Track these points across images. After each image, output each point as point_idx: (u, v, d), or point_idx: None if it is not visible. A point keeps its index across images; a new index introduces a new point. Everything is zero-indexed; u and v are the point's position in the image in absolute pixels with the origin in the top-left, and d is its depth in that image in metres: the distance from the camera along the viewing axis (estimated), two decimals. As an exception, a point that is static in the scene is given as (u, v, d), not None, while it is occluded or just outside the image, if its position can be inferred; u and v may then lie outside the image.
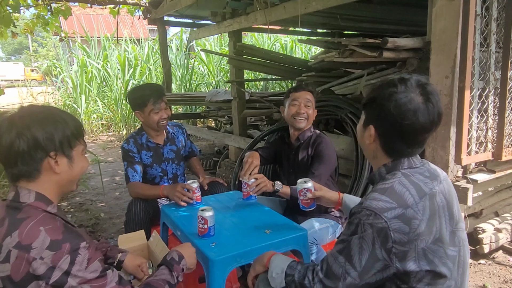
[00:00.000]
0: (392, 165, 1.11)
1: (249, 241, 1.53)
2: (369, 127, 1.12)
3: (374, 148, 1.14)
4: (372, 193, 1.06)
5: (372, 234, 1.00)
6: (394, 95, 1.05)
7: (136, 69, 8.43)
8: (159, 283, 1.14)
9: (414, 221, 1.00)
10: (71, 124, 1.08)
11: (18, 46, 44.04)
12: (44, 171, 1.03)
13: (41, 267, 0.91)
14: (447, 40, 2.10)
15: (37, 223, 0.96)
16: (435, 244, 1.02)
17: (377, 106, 1.09)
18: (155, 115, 2.21)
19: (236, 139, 4.33)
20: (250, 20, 3.65)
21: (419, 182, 1.06)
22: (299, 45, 8.93)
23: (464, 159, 2.14)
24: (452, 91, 2.11)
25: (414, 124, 1.04)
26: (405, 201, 1.02)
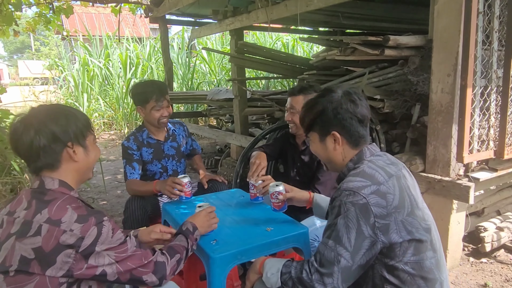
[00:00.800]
0: (357, 157, 1.25)
1: (250, 238, 1.53)
2: (331, 134, 1.24)
3: (342, 150, 1.26)
4: (347, 178, 1.17)
5: (355, 211, 1.08)
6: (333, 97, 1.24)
7: (138, 67, 8.43)
8: (179, 248, 1.30)
9: (388, 195, 1.10)
10: (80, 117, 1.21)
11: (21, 45, 44.14)
12: (64, 161, 1.15)
13: (71, 238, 1.01)
14: (449, 38, 2.09)
15: (64, 203, 1.07)
16: (410, 216, 1.11)
17: (329, 112, 1.23)
18: (156, 112, 2.21)
19: (237, 138, 4.33)
20: (251, 18, 3.65)
21: (384, 166, 1.19)
22: (301, 44, 8.91)
23: (466, 157, 2.13)
24: (454, 89, 2.11)
25: (362, 109, 1.24)
26: (376, 179, 1.13)
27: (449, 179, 2.18)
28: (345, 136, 1.24)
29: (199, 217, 1.50)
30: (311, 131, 1.31)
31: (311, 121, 1.29)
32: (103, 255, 1.06)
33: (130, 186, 2.21)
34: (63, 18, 14.80)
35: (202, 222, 1.48)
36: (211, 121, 7.54)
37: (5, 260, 1.01)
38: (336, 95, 1.25)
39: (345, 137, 1.24)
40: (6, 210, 1.11)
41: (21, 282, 1.00)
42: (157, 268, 1.17)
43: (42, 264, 1.00)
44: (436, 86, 2.20)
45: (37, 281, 1.00)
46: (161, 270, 1.19)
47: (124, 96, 7.82)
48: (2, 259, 1.01)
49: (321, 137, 1.28)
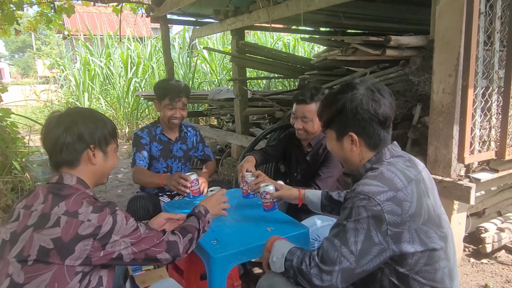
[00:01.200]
0: (376, 158, 1.18)
1: (251, 238, 1.53)
2: (348, 135, 1.18)
3: (359, 151, 1.20)
4: (364, 179, 1.11)
5: (367, 217, 1.04)
6: (355, 96, 1.15)
7: (139, 67, 8.44)
8: (192, 228, 1.36)
9: (405, 203, 1.05)
10: (109, 124, 1.28)
11: (22, 44, 44.15)
12: (83, 161, 1.21)
13: (89, 228, 1.07)
14: (451, 38, 2.09)
15: (79, 197, 1.13)
16: (426, 225, 1.07)
17: (348, 112, 1.16)
18: (168, 110, 2.23)
19: (238, 137, 4.33)
20: (252, 18, 3.65)
21: (404, 170, 1.12)
22: (302, 44, 8.91)
23: (467, 158, 2.13)
24: (455, 90, 2.11)
25: (384, 110, 1.15)
26: (395, 184, 1.07)
27: (450, 180, 2.18)
28: (363, 138, 1.18)
29: (211, 201, 1.55)
30: (328, 128, 1.25)
31: (328, 119, 1.23)
32: (119, 242, 1.13)
33: (137, 173, 2.19)
34: (65, 17, 14.81)
35: (213, 205, 1.53)
36: (211, 121, 7.54)
37: (23, 250, 1.06)
38: (357, 92, 1.16)
39: (364, 139, 1.18)
40: (22, 204, 1.16)
41: (40, 271, 1.04)
42: (169, 247, 1.24)
43: (62, 254, 1.05)
44: (437, 87, 2.19)
45: (55, 270, 1.05)
46: (174, 249, 1.25)
47: (125, 95, 7.83)
48: (20, 249, 1.06)
49: (338, 136, 1.22)
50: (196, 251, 1.55)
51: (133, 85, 8.02)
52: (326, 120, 1.25)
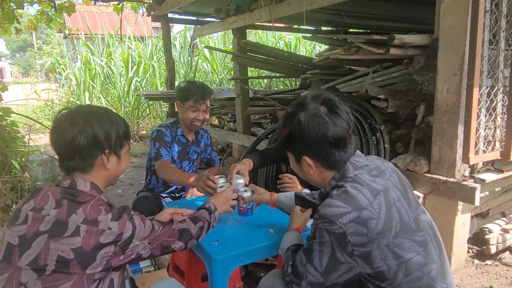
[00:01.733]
0: (340, 174, 1.16)
1: (253, 240, 1.50)
2: (303, 159, 1.17)
3: (319, 172, 1.19)
4: (328, 199, 1.08)
5: (330, 240, 1.04)
6: (301, 120, 1.11)
7: (140, 66, 8.41)
8: (202, 218, 1.36)
9: (371, 221, 1.02)
10: (123, 125, 1.21)
11: (23, 44, 44.19)
12: (97, 166, 1.16)
13: (110, 236, 1.05)
14: (456, 37, 2.06)
15: (96, 204, 1.08)
16: (398, 237, 1.04)
17: (296, 138, 1.14)
18: (192, 112, 2.20)
19: (239, 137, 4.31)
20: (254, 17, 3.62)
21: (369, 183, 1.09)
22: (303, 43, 8.88)
23: (472, 158, 2.10)
24: (460, 89, 2.08)
25: (335, 130, 1.10)
26: (359, 203, 1.04)
27: (455, 180, 2.15)
28: (318, 160, 1.16)
29: (220, 198, 1.53)
30: (286, 150, 1.25)
31: (283, 142, 1.22)
32: (139, 245, 1.12)
33: (163, 168, 2.06)
34: (66, 16, 14.79)
35: (222, 202, 1.52)
36: (212, 120, 7.52)
37: (38, 258, 1.01)
38: (304, 115, 1.11)
39: (319, 161, 1.16)
40: (30, 206, 1.09)
41: (59, 281, 1.01)
42: (181, 234, 1.25)
43: (83, 264, 1.02)
44: (441, 86, 2.17)
45: (75, 279, 1.02)
46: (185, 236, 1.26)
47: (126, 94, 7.81)
48: (34, 257, 1.01)
49: (295, 159, 1.22)
50: (197, 252, 1.53)
51: (134, 84, 8.00)
52: (281, 143, 1.25)
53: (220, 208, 1.49)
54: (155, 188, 2.37)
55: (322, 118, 1.10)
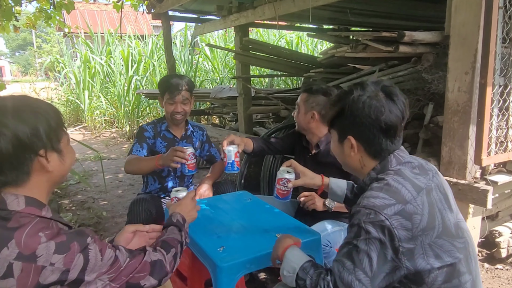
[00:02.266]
0: (381, 166, 1.10)
1: (259, 246, 1.44)
2: (348, 138, 1.11)
3: (360, 157, 1.13)
4: (369, 191, 1.03)
5: (377, 234, 0.96)
6: (359, 98, 1.07)
7: (140, 65, 8.33)
8: (174, 242, 1.14)
9: (415, 216, 0.97)
10: (52, 112, 0.96)
11: (22, 42, 44.11)
12: (35, 173, 0.92)
13: (53, 274, 0.83)
14: (468, 34, 1.99)
15: (34, 230, 0.85)
16: (440, 238, 0.99)
17: (348, 115, 1.09)
18: (169, 105, 2.17)
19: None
20: (257, 14, 3.55)
21: (412, 178, 1.04)
22: (305, 42, 8.80)
23: (484, 160, 2.03)
24: (472, 88, 2.01)
25: (388, 116, 1.05)
26: (403, 196, 0.99)
27: (466, 182, 2.08)
28: (362, 144, 1.10)
29: (186, 206, 1.33)
30: (331, 128, 1.19)
31: (331, 119, 1.17)
32: (94, 282, 0.90)
33: (129, 161, 2.09)
34: (65, 15, 14.68)
35: (189, 211, 1.32)
36: (214, 120, 7.45)
37: None
38: (362, 94, 1.07)
39: (363, 145, 1.10)
40: None
41: None
42: (153, 269, 1.03)
43: None
44: (452, 85, 2.09)
45: None
46: (159, 270, 1.04)
47: (126, 93, 7.73)
48: None
49: (339, 138, 1.16)
50: (201, 259, 1.46)
51: (134, 83, 7.92)
52: (328, 120, 1.19)
53: (188, 217, 1.30)
54: (152, 190, 2.31)
55: (379, 101, 1.05)
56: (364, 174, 1.14)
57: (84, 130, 8.02)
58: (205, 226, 1.63)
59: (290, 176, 1.53)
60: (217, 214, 1.78)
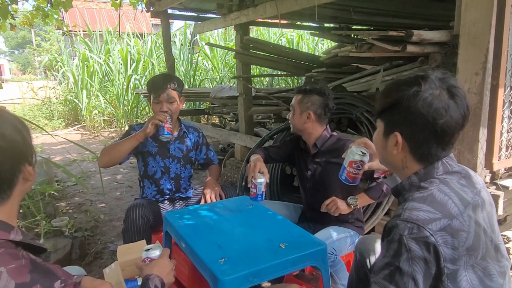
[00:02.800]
0: (425, 172, 0.98)
1: (263, 257, 1.36)
2: (394, 134, 0.98)
3: (403, 157, 1.00)
4: (411, 202, 0.91)
5: (421, 252, 0.84)
6: (419, 94, 0.93)
7: (139, 64, 8.25)
8: None
9: (461, 233, 0.87)
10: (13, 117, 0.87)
11: (22, 40, 43.92)
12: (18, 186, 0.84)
13: None
14: (478, 33, 1.91)
15: None
16: (484, 260, 0.90)
17: (401, 109, 0.96)
18: (155, 105, 2.09)
19: (242, 138, 4.16)
20: (258, 12, 3.46)
21: (459, 190, 0.94)
22: (306, 40, 8.72)
23: (495, 164, 1.96)
24: (482, 89, 1.93)
25: (448, 122, 0.92)
26: (449, 210, 0.88)
27: (475, 187, 2.01)
28: (409, 143, 0.97)
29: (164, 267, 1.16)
30: (379, 118, 1.05)
31: (380, 109, 1.03)
32: None
33: (104, 150, 2.07)
34: (64, 13, 14.54)
35: (167, 273, 1.15)
36: (214, 119, 7.37)
37: None
38: (423, 90, 0.92)
39: (409, 145, 0.98)
40: None
41: None
42: None
43: None
44: (462, 86, 2.01)
45: None
46: None
47: (125, 93, 7.65)
48: None
49: (385, 131, 1.02)
50: (201, 270, 1.38)
51: (132, 82, 7.84)
52: (378, 109, 1.05)
53: (167, 280, 1.14)
54: (149, 194, 2.23)
55: (441, 102, 0.92)
56: (404, 176, 1.02)
57: (82, 130, 7.94)
58: (205, 235, 1.56)
59: (365, 158, 1.38)
60: (217, 221, 1.70)
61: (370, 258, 1.48)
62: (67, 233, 2.57)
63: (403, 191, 1.01)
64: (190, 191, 2.34)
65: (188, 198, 2.30)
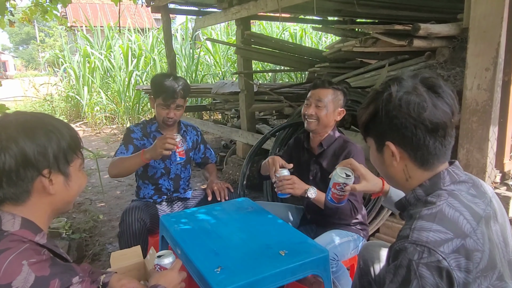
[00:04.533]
0: (431, 183, 0.90)
1: (262, 265, 1.29)
2: (386, 145, 0.92)
3: (403, 167, 0.93)
4: (418, 221, 0.82)
5: (433, 279, 0.76)
6: (392, 95, 0.88)
7: (140, 59, 8.17)
8: None
9: (476, 253, 0.79)
10: (67, 133, 0.93)
11: (26, 36, 43.99)
12: (35, 193, 0.88)
13: None
14: (489, 27, 1.82)
15: (19, 256, 0.80)
16: (502, 281, 0.82)
17: (382, 117, 0.90)
18: (162, 110, 2.04)
19: (244, 135, 4.09)
20: (259, 6, 3.37)
21: (469, 203, 0.85)
22: (309, 34, 8.59)
23: (507, 164, 1.87)
24: (493, 86, 1.84)
25: (433, 112, 0.85)
26: (461, 228, 0.80)
27: (485, 188, 1.92)
28: (405, 149, 0.90)
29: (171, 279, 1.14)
30: (367, 136, 1.00)
31: (364, 125, 0.98)
32: None
33: (111, 163, 1.99)
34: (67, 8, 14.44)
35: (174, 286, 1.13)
36: (216, 115, 7.30)
37: None
38: (398, 90, 0.88)
39: (406, 151, 0.90)
40: None
41: None
42: None
43: None
44: (471, 82, 1.92)
45: None
46: None
47: (126, 89, 7.58)
48: None
49: (377, 146, 0.97)
50: (197, 280, 1.32)
51: (134, 78, 7.77)
52: (362, 126, 0.99)
53: None
54: (146, 194, 2.17)
55: (420, 96, 0.86)
56: (410, 187, 0.94)
57: (84, 127, 7.90)
58: (201, 241, 1.50)
59: (349, 180, 1.34)
60: (215, 225, 1.63)
61: (375, 266, 1.41)
62: (64, 235, 2.52)
63: (408, 206, 0.93)
64: (189, 192, 2.28)
65: (186, 199, 2.24)
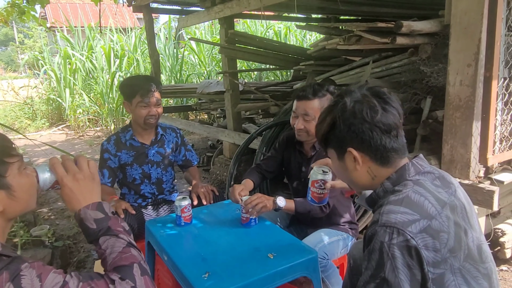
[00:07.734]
0: (397, 175, 0.96)
1: (250, 270, 1.27)
2: (348, 152, 0.98)
3: (367, 168, 0.99)
4: (387, 206, 0.87)
5: (403, 258, 0.80)
6: (346, 104, 0.96)
7: (123, 60, 8.03)
8: (127, 258, 0.87)
9: (442, 234, 0.83)
10: None
11: (4, 38, 42.78)
12: None
13: None
14: (470, 23, 1.83)
15: None
16: (467, 262, 0.86)
17: (340, 126, 0.97)
18: (142, 109, 1.97)
19: (230, 134, 4.06)
20: (242, 5, 3.34)
21: (434, 191, 0.91)
22: (294, 32, 8.60)
23: (490, 159, 1.90)
24: (475, 81, 1.86)
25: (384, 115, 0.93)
26: (427, 211, 0.85)
27: (469, 182, 1.94)
28: (366, 152, 0.96)
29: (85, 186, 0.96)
30: (327, 147, 1.05)
31: (323, 137, 1.03)
32: None
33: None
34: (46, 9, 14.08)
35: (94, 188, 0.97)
36: (202, 115, 7.24)
37: None
38: (349, 100, 0.96)
39: (367, 153, 0.96)
40: None
41: None
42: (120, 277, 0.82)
43: None
44: (454, 78, 1.94)
45: None
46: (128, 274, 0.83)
47: (109, 90, 7.45)
48: None
49: (338, 155, 1.02)
50: (183, 286, 1.29)
51: (117, 79, 7.63)
52: (322, 139, 1.04)
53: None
54: (130, 199, 2.13)
55: (370, 103, 0.94)
56: (377, 184, 0.99)
57: (67, 130, 7.73)
58: (188, 246, 1.47)
59: (327, 176, 1.36)
60: (202, 230, 1.61)
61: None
62: (47, 243, 2.45)
63: (378, 199, 0.97)
64: (174, 194, 2.24)
65: (172, 202, 2.20)
